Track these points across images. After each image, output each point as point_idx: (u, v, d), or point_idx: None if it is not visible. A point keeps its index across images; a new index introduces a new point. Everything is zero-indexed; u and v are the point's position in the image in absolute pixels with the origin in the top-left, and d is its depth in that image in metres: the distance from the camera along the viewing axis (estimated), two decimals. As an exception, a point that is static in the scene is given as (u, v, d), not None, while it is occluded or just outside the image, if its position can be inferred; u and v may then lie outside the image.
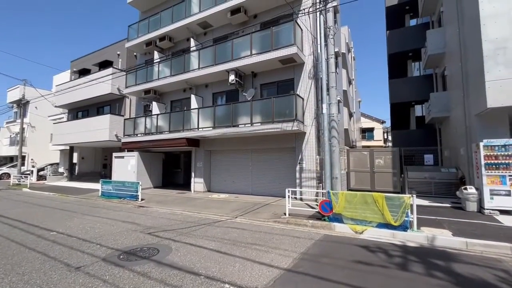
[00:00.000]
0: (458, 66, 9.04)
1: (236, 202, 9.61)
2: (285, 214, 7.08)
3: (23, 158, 22.82)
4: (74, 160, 20.70)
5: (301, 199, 9.30)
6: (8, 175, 21.84)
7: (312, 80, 9.70)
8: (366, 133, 33.84)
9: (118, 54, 17.63)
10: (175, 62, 12.68)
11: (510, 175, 6.54)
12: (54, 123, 19.34)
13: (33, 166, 23.02)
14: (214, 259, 4.25)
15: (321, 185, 9.04)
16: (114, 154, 14.54)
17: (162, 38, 13.50)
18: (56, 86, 20.72)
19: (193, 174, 12.56)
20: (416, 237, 5.13)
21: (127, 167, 13.69)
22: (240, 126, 10.02)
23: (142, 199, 10.27)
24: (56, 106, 19.72)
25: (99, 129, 15.30)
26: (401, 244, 4.99)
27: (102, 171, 21.50)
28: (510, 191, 6.50)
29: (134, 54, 16.62)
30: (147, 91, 13.65)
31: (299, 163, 9.67)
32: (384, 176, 11.14)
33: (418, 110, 16.77)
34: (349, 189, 11.58)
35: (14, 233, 5.94)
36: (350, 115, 17.76)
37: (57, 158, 23.70)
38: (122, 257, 4.38)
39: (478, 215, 6.62)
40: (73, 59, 21.27)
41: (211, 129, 10.71)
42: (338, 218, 6.08)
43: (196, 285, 3.39)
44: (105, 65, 18.16)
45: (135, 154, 13.48)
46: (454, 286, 3.34)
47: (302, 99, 9.58)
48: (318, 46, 8.44)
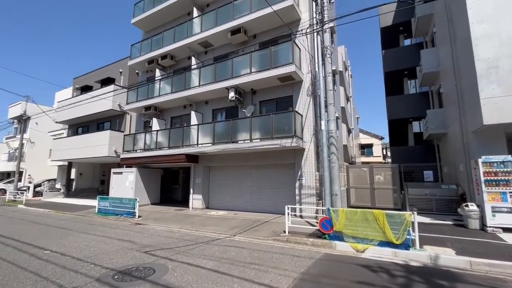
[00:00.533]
0: (452, 84, 9.23)
1: (234, 219, 9.45)
2: (284, 232, 6.94)
3: (20, 173, 22.62)
4: (72, 175, 20.53)
5: (301, 216, 9.15)
6: (4, 191, 21.53)
7: (310, 97, 9.87)
8: (365, 149, 33.94)
9: (120, 72, 18.02)
10: (176, 80, 12.94)
11: (510, 192, 6.50)
12: (54, 139, 19.36)
13: (30, 182, 22.75)
14: (211, 280, 4.12)
15: (321, 201, 8.94)
16: (113, 170, 14.46)
17: (164, 56, 13.86)
18: (57, 102, 20.99)
19: (191, 191, 12.43)
20: (419, 256, 5.01)
21: (125, 183, 13.57)
22: (239, 142, 10.06)
23: (139, 216, 10.11)
24: (56, 122, 19.86)
25: (99, 145, 15.30)
26: (403, 263, 4.87)
27: (100, 187, 21.26)
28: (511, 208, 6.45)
29: (136, 71, 16.97)
30: (148, 108, 13.81)
31: (299, 180, 9.62)
32: (384, 192, 11.04)
33: (416, 127, 16.92)
34: (349, 206, 11.44)
35: (6, 251, 5.79)
36: (349, 131, 17.89)
37: (54, 174, 23.51)
38: (116, 277, 4.25)
39: (481, 233, 6.52)
40: (75, 76, 21.72)
41: (211, 145, 10.74)
42: (339, 236, 5.96)
43: (192, 307, 3.27)
44: (107, 82, 18.50)
45: (134, 170, 13.41)
46: (460, 309, 3.23)
47: (301, 116, 9.69)
48: (316, 64, 8.66)
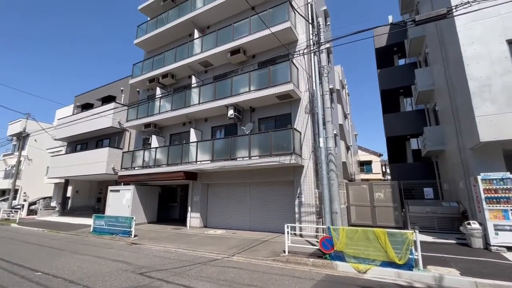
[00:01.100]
0: (447, 102, 9.41)
1: (233, 238, 9.23)
2: (284, 251, 6.76)
3: (16, 191, 22.26)
4: (68, 193, 20.23)
5: (301, 235, 8.95)
6: (-2, 210, 21.06)
7: (308, 114, 10.00)
8: (364, 166, 33.89)
9: (122, 90, 18.32)
10: (176, 97, 13.14)
11: (512, 209, 6.44)
12: (51, 156, 19.30)
13: (24, 200, 22.34)
14: (208, 303, 3.96)
15: (321, 220, 8.78)
16: (110, 188, 14.28)
17: (165, 75, 14.16)
18: (58, 119, 21.12)
19: (189, 209, 12.23)
20: (422, 277, 4.87)
21: (122, 201, 13.35)
22: (238, 159, 10.05)
23: (135, 236, 9.85)
24: (56, 139, 19.86)
25: (97, 162, 15.22)
26: (407, 285, 4.71)
27: (96, 205, 20.89)
28: (514, 226, 6.35)
29: (137, 89, 17.26)
30: (148, 125, 13.90)
31: (298, 197, 9.51)
32: (385, 210, 10.89)
33: (414, 144, 17.04)
34: (350, 224, 11.24)
35: (-4, 273, 5.58)
36: (347, 148, 17.95)
37: (50, 191, 23.18)
38: (109, 301, 4.08)
39: (485, 252, 6.37)
40: (77, 94, 22.03)
41: (209, 162, 10.71)
42: (340, 256, 5.81)
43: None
44: (108, 100, 18.74)
45: (131, 187, 13.25)
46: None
47: (300, 133, 9.76)
48: (314, 83, 8.87)
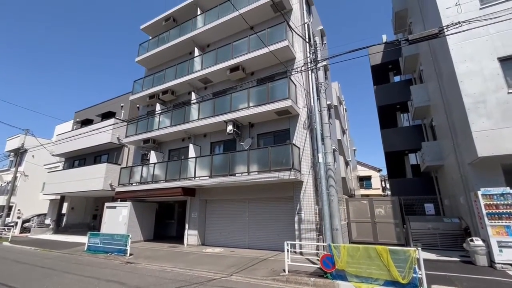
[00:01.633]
0: (444, 117, 9.54)
1: (231, 257, 8.97)
2: (284, 270, 6.55)
3: (10, 208, 21.81)
4: (64, 210, 19.82)
5: (301, 253, 8.73)
6: (-10, 228, 20.52)
7: (307, 130, 10.06)
8: (364, 181, 33.72)
9: (122, 106, 18.47)
10: (176, 113, 13.24)
11: (515, 226, 6.35)
12: (48, 172, 19.08)
13: (18, 217, 21.82)
14: (205, 327, 3.78)
15: (321, 237, 8.61)
16: (106, 204, 14.03)
17: (165, 91, 14.37)
18: (57, 135, 21.12)
19: (187, 226, 11.97)
20: (427, 297, 4.71)
21: (119, 218, 13.08)
22: (237, 175, 9.98)
23: (130, 254, 9.57)
24: (54, 155, 19.73)
25: (94, 178, 15.04)
26: (412, 305, 4.55)
27: (92, 222, 20.42)
28: (518, 243, 6.24)
29: (137, 105, 17.44)
30: (146, 141, 13.91)
31: (298, 214, 9.36)
32: (386, 227, 10.69)
33: (412, 159, 17.05)
34: (351, 241, 10.99)
35: (-16, 295, 5.36)
36: (346, 164, 17.95)
37: (45, 208, 22.72)
38: (101, 325, 3.89)
39: (490, 271, 6.20)
40: (77, 110, 22.18)
41: (208, 178, 10.62)
42: (342, 275, 5.64)
43: None
44: (108, 115, 18.87)
45: (128, 204, 13.03)
46: None
47: (298, 148, 9.78)
48: (311, 99, 9.01)
